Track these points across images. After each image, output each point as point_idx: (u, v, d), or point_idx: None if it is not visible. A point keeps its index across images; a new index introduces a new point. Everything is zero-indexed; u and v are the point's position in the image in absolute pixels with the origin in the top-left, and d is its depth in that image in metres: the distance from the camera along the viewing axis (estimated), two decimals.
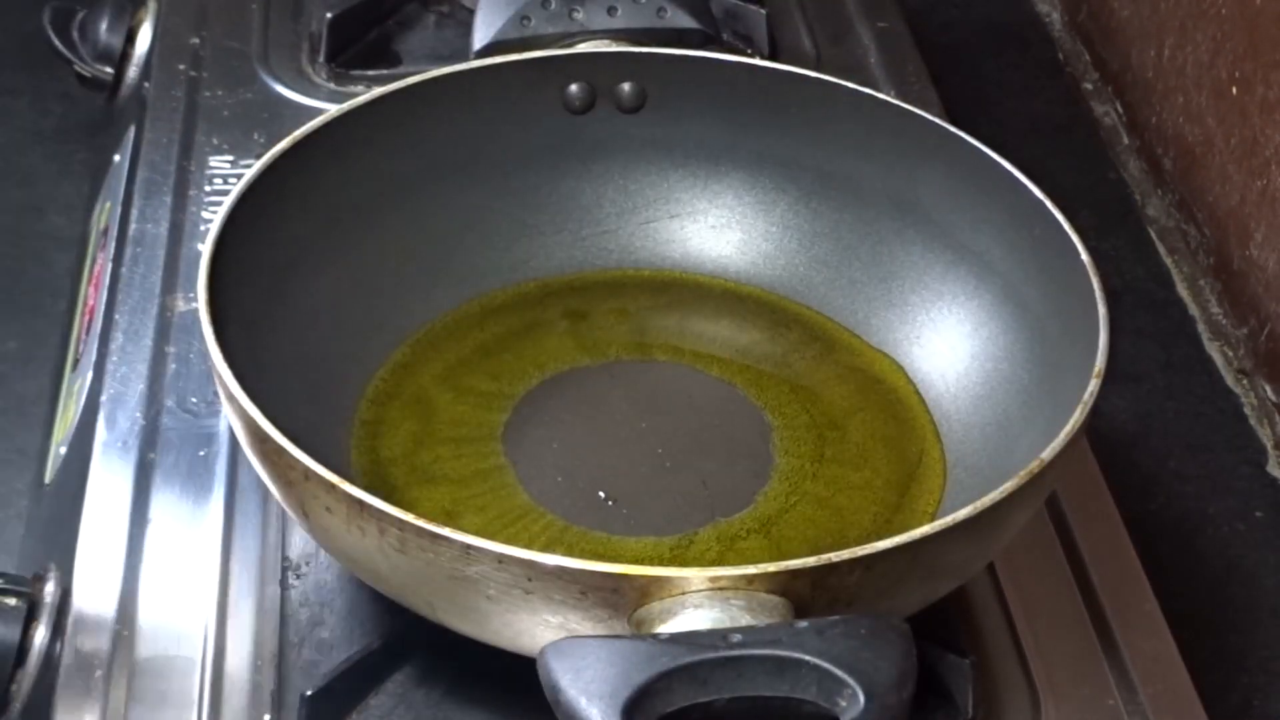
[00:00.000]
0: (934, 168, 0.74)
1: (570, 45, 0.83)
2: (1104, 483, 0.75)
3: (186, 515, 0.70)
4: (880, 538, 0.54)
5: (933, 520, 0.56)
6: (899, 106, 0.75)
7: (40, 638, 0.66)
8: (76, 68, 1.00)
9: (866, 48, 1.00)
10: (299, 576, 0.68)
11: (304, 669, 0.64)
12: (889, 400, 0.74)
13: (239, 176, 0.68)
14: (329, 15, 0.94)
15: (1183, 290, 0.96)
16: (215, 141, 0.89)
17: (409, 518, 0.54)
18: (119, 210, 0.85)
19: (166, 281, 0.80)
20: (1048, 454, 0.58)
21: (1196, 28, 0.97)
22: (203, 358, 0.61)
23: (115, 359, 0.76)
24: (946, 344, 0.74)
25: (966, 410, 0.72)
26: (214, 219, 0.66)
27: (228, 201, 0.66)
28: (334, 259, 0.72)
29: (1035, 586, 0.69)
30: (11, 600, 0.67)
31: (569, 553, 0.54)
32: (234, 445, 0.71)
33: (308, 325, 0.70)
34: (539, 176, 0.78)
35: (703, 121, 0.77)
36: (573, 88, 0.76)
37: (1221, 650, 0.75)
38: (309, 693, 0.61)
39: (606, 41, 0.84)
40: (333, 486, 0.55)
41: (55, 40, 0.98)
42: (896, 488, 0.70)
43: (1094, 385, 0.61)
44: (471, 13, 0.88)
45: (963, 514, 0.55)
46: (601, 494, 0.68)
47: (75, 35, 0.99)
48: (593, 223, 0.79)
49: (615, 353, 0.76)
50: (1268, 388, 0.89)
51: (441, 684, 0.63)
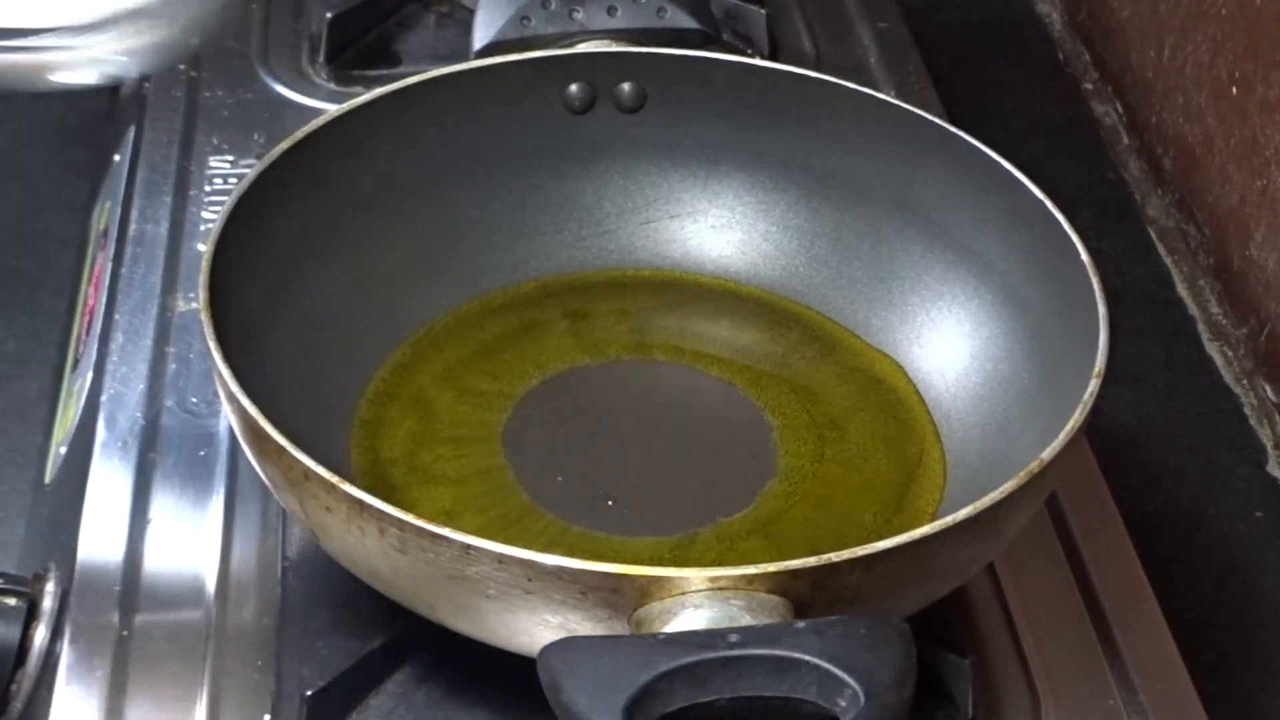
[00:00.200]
0: (934, 168, 0.74)
1: (570, 45, 0.83)
2: (1104, 483, 0.75)
3: (186, 515, 0.70)
4: (880, 538, 0.54)
5: (933, 520, 0.56)
6: (899, 106, 0.75)
7: (40, 638, 0.66)
8: None
9: (866, 48, 1.00)
10: (299, 576, 0.68)
11: (304, 669, 0.64)
12: (889, 400, 0.74)
13: (239, 176, 0.69)
14: (329, 15, 0.94)
15: (1183, 290, 0.96)
16: (215, 141, 0.89)
17: (409, 518, 0.54)
18: (119, 210, 0.85)
19: (166, 281, 0.80)
20: (1048, 454, 0.58)
21: (1196, 28, 0.97)
22: (203, 358, 0.61)
23: (115, 359, 0.76)
24: (946, 344, 0.74)
25: (966, 410, 0.72)
26: (214, 219, 0.66)
27: (228, 201, 0.66)
28: (334, 259, 0.72)
29: (1035, 586, 0.69)
30: (11, 600, 0.67)
31: (569, 553, 0.54)
32: (234, 445, 0.71)
33: (308, 325, 0.70)
34: (539, 176, 0.78)
35: (703, 121, 0.77)
36: (573, 88, 0.76)
37: (1221, 650, 0.75)
38: (309, 693, 0.61)
39: (606, 41, 0.84)
40: (333, 486, 0.55)
41: None
42: (896, 488, 0.70)
43: (1094, 385, 0.61)
44: (471, 13, 0.88)
45: (963, 514, 0.55)
46: (601, 494, 0.68)
47: None
48: (593, 223, 0.79)
49: (615, 353, 0.76)
50: (1268, 388, 0.89)
51: (441, 684, 0.63)
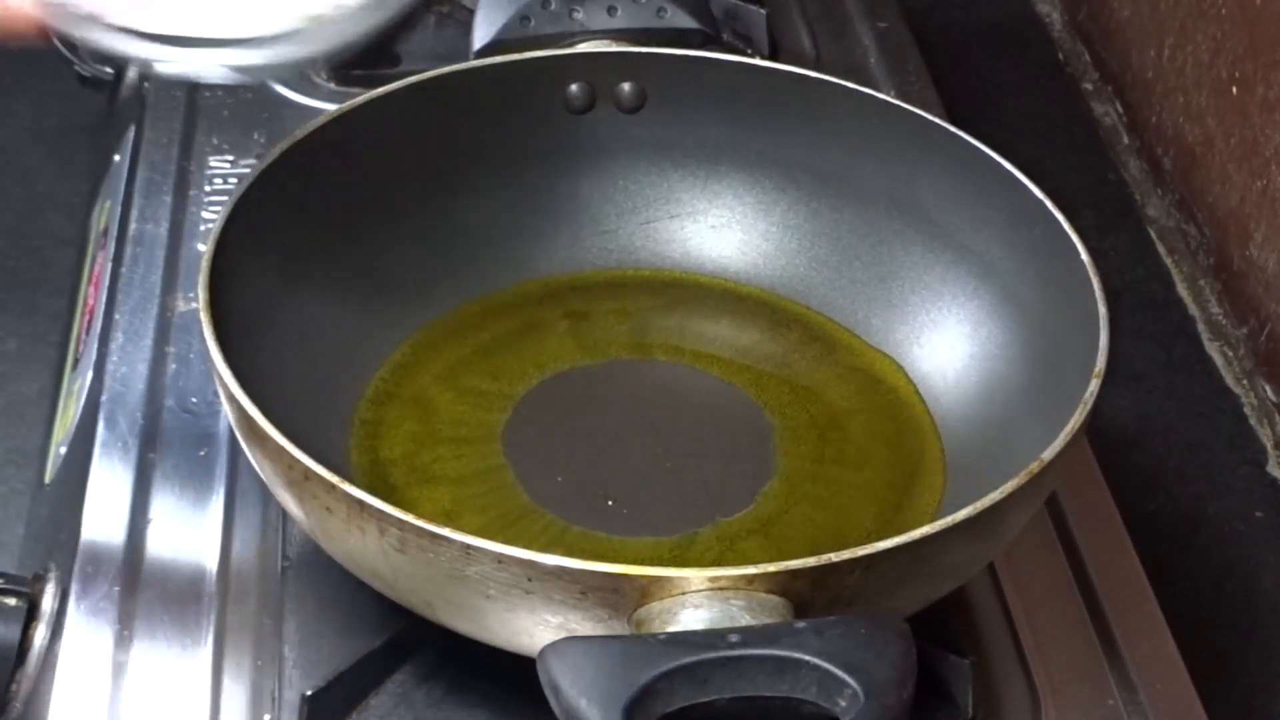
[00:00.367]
0: (934, 168, 0.74)
1: (570, 45, 0.83)
2: (1104, 483, 0.75)
3: (186, 515, 0.70)
4: (880, 538, 0.54)
5: (933, 520, 0.56)
6: (899, 106, 0.75)
7: (40, 638, 0.66)
8: (76, 68, 1.00)
9: (866, 48, 1.00)
10: (299, 576, 0.68)
11: (304, 669, 0.64)
12: (889, 400, 0.74)
13: (239, 176, 0.69)
14: None
15: (1183, 290, 0.96)
16: (215, 141, 0.89)
17: (409, 518, 0.54)
18: (119, 210, 0.85)
19: (166, 281, 0.80)
20: (1048, 454, 0.58)
21: (1196, 28, 0.97)
22: (203, 358, 0.61)
23: (115, 359, 0.76)
24: (946, 344, 0.74)
25: (966, 410, 0.72)
26: (214, 219, 0.66)
27: (228, 201, 0.66)
28: (334, 259, 0.72)
29: (1035, 586, 0.69)
30: (11, 600, 0.67)
31: (569, 553, 0.54)
32: (234, 445, 0.70)
33: (308, 325, 0.70)
34: (539, 176, 0.78)
35: (703, 121, 0.77)
36: (573, 88, 0.76)
37: (1221, 650, 0.75)
38: (309, 693, 0.61)
39: (606, 41, 0.84)
40: (333, 486, 0.55)
41: (55, 40, 0.98)
42: (896, 488, 0.70)
43: (1094, 385, 0.61)
44: (471, 13, 0.88)
45: (963, 514, 0.55)
46: (601, 494, 0.68)
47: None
48: (593, 223, 0.79)
49: (615, 353, 0.76)
50: (1268, 388, 0.89)
51: (441, 684, 0.63)
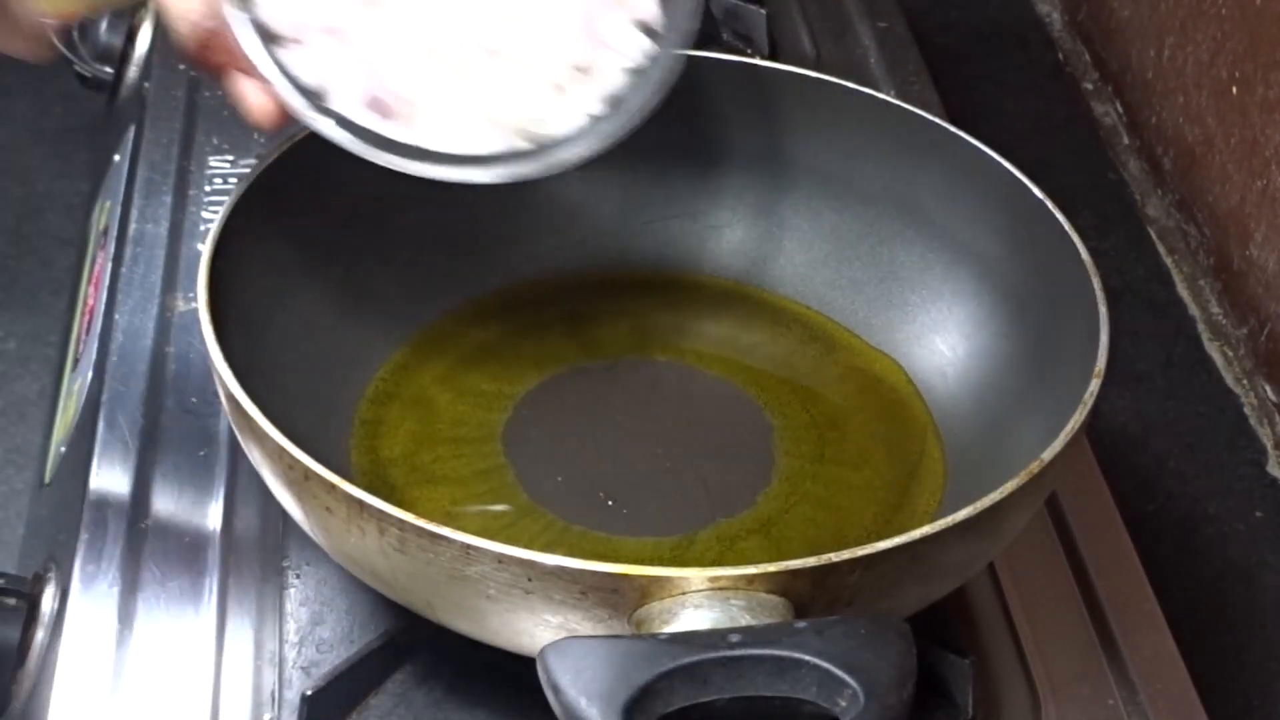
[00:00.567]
0: (934, 168, 0.74)
1: None
2: (1104, 483, 0.75)
3: (186, 515, 0.70)
4: (880, 538, 0.54)
5: (933, 520, 0.56)
6: (899, 106, 0.75)
7: (40, 638, 0.66)
8: (76, 68, 1.00)
9: (866, 48, 1.00)
10: (299, 576, 0.68)
11: (304, 669, 0.64)
12: (889, 400, 0.74)
13: (239, 176, 0.68)
14: None
15: (1183, 290, 0.96)
16: (215, 141, 0.89)
17: (409, 518, 0.54)
18: (119, 210, 0.85)
19: (166, 281, 0.80)
20: (1048, 454, 0.58)
21: (1196, 28, 0.97)
22: (203, 358, 0.61)
23: (115, 359, 0.76)
24: (946, 344, 0.74)
25: (966, 411, 0.72)
26: (214, 219, 0.66)
27: (228, 201, 0.66)
28: (334, 259, 0.72)
29: (1035, 586, 0.69)
30: (11, 600, 0.67)
31: (569, 553, 0.54)
32: (234, 445, 0.70)
33: (308, 325, 0.70)
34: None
35: (702, 121, 0.77)
36: None
37: (1221, 650, 0.75)
38: (309, 692, 0.61)
39: None
40: (333, 486, 0.55)
41: (55, 40, 0.98)
42: (896, 488, 0.70)
43: (1094, 385, 0.61)
44: None
45: (963, 514, 0.55)
46: (601, 494, 0.68)
47: (75, 35, 0.99)
48: (593, 223, 0.79)
49: (615, 353, 0.76)
50: (1268, 388, 0.89)
51: (441, 684, 0.63)
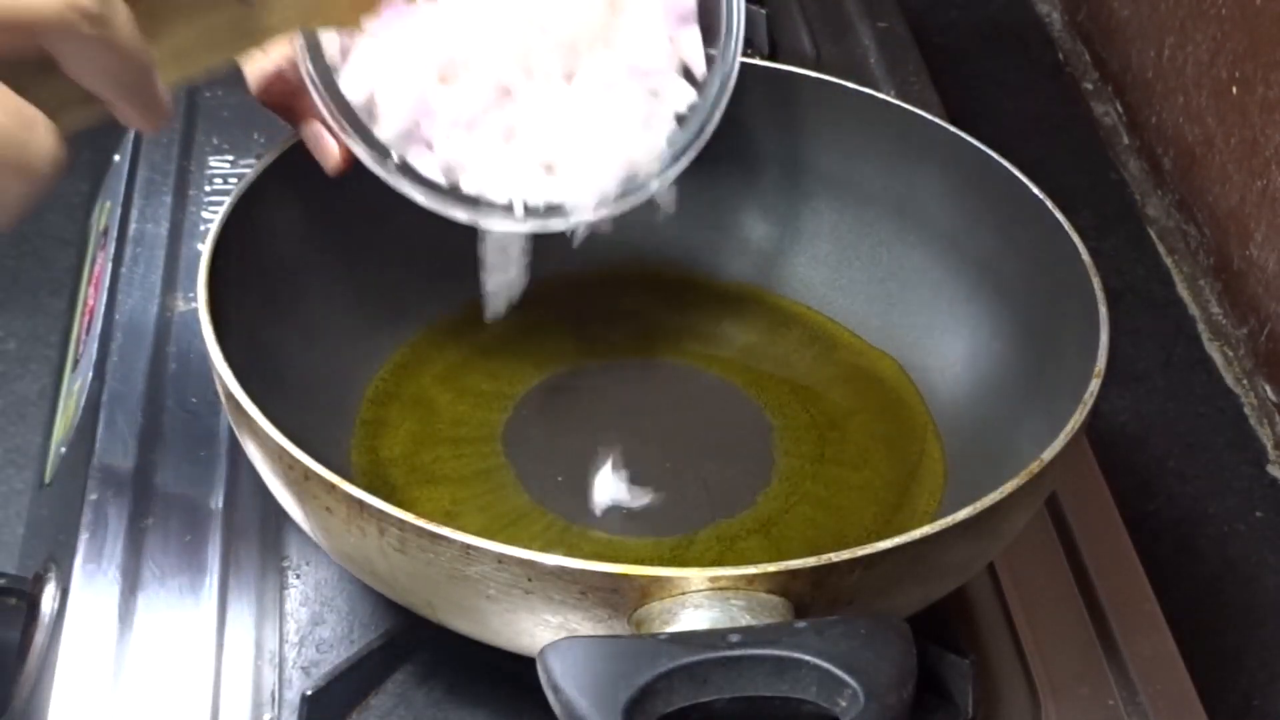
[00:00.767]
0: (934, 168, 0.74)
1: None
2: (1104, 483, 0.75)
3: (186, 515, 0.70)
4: (880, 538, 0.54)
5: (933, 520, 0.56)
6: (899, 106, 0.75)
7: (40, 638, 0.66)
8: None
9: (866, 48, 1.00)
10: (299, 576, 0.68)
11: (304, 669, 0.64)
12: (889, 400, 0.74)
13: (239, 176, 0.68)
14: None
15: (1183, 290, 0.96)
16: (215, 141, 0.89)
17: (409, 518, 0.54)
18: (119, 210, 0.85)
19: (166, 281, 0.80)
20: (1048, 454, 0.58)
21: (1196, 28, 0.97)
22: (203, 358, 0.61)
23: (115, 359, 0.76)
24: (946, 344, 0.74)
25: (966, 410, 0.72)
26: (214, 219, 0.66)
27: (228, 201, 0.66)
28: (334, 258, 0.72)
29: (1035, 586, 0.69)
30: (11, 600, 0.67)
31: (569, 553, 0.54)
32: (234, 445, 0.71)
33: (308, 325, 0.70)
34: None
35: None
36: None
37: (1221, 650, 0.75)
38: (309, 692, 0.61)
39: None
40: (333, 487, 0.55)
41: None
42: (896, 488, 0.70)
43: (1094, 385, 0.61)
44: None
45: (963, 514, 0.55)
46: None
47: None
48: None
49: (615, 353, 0.76)
50: (1268, 388, 0.89)
51: (441, 684, 0.63)
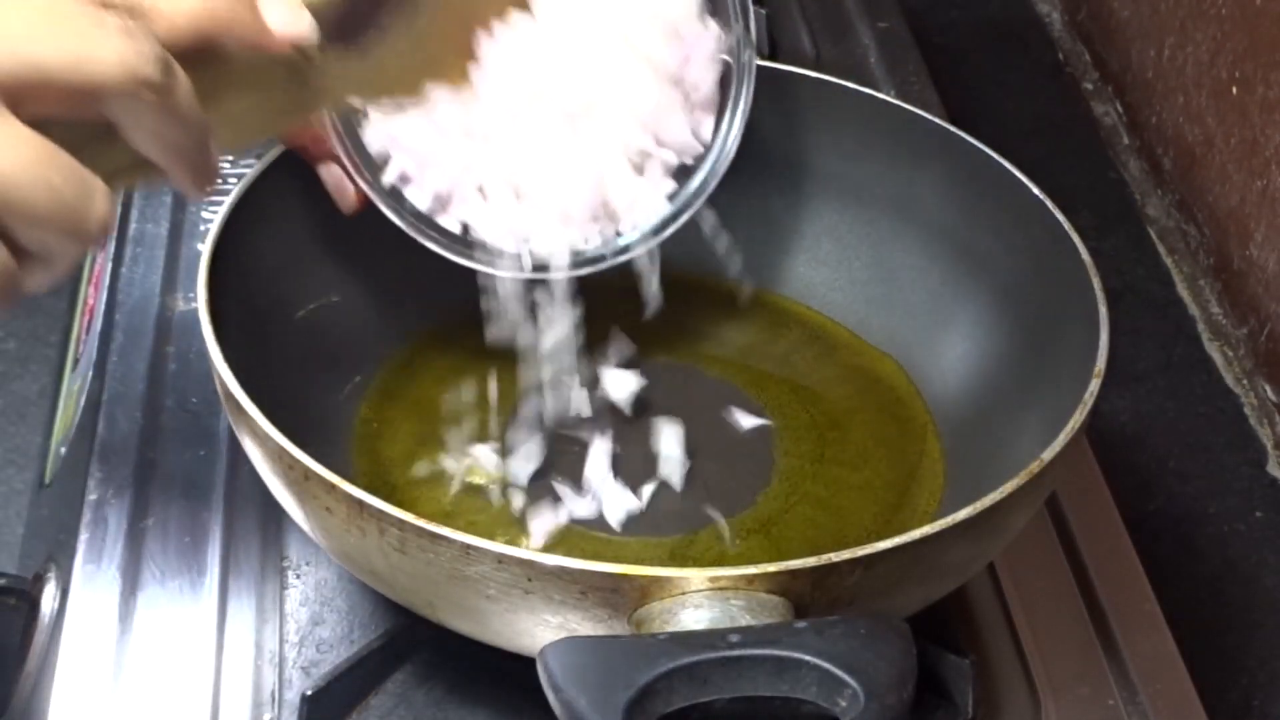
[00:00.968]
0: (934, 168, 0.74)
1: None
2: (1104, 483, 0.75)
3: (186, 515, 0.70)
4: (880, 538, 0.54)
5: (933, 520, 0.56)
6: (899, 106, 0.75)
7: (40, 638, 0.66)
8: None
9: (866, 48, 1.00)
10: (299, 576, 0.68)
11: (304, 669, 0.64)
12: (889, 400, 0.74)
13: (239, 176, 0.68)
14: None
15: (1183, 290, 0.96)
16: None
17: (409, 518, 0.54)
18: (119, 210, 0.85)
19: (166, 281, 0.80)
20: (1048, 454, 0.58)
21: (1196, 28, 0.97)
22: (203, 358, 0.61)
23: (115, 359, 0.76)
24: (946, 344, 0.74)
25: (966, 411, 0.72)
26: (214, 219, 0.66)
27: (228, 201, 0.66)
28: (334, 259, 0.72)
29: (1035, 586, 0.69)
30: (12, 600, 0.67)
31: (569, 553, 0.54)
32: (234, 445, 0.70)
33: (308, 325, 0.70)
34: None
35: None
36: None
37: (1221, 650, 0.75)
38: (309, 692, 0.61)
39: None
40: (333, 487, 0.55)
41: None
42: (896, 488, 0.70)
43: (1094, 385, 0.61)
44: None
45: (963, 514, 0.55)
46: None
47: None
48: None
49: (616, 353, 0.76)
50: (1268, 388, 0.89)
51: (441, 684, 0.63)
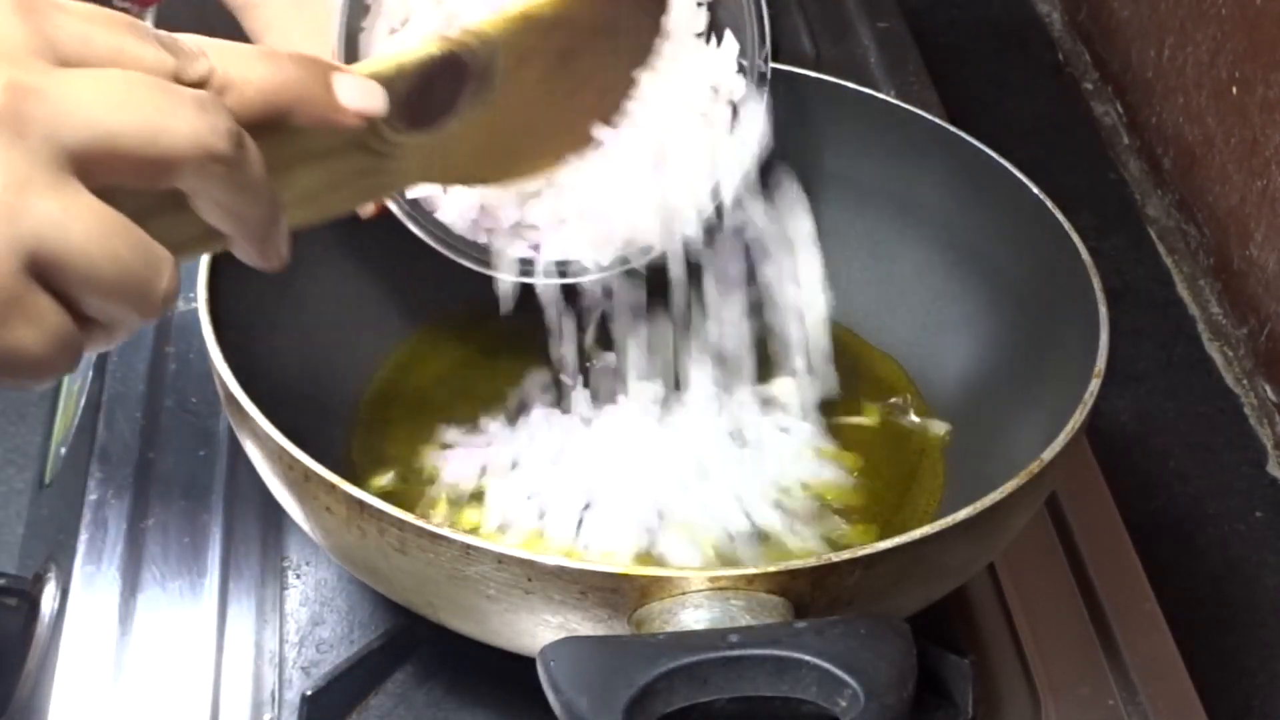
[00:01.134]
0: (934, 168, 0.74)
1: None
2: (1104, 483, 0.75)
3: (186, 515, 0.70)
4: (880, 538, 0.54)
5: (933, 520, 0.56)
6: (899, 106, 0.75)
7: (41, 638, 0.66)
8: None
9: (866, 48, 1.00)
10: (299, 576, 0.68)
11: (304, 669, 0.64)
12: (889, 400, 0.74)
13: None
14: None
15: (1183, 290, 0.96)
16: None
17: (409, 518, 0.54)
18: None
19: None
20: (1048, 454, 0.58)
21: (1196, 28, 0.97)
22: (203, 358, 0.61)
23: (115, 359, 0.76)
24: (946, 344, 0.74)
25: (967, 411, 0.72)
26: None
27: None
28: (334, 258, 0.72)
29: (1035, 586, 0.69)
30: (12, 600, 0.67)
31: (569, 553, 0.54)
32: (234, 445, 0.71)
33: (308, 325, 0.70)
34: None
35: None
36: None
37: (1221, 650, 0.75)
38: (309, 692, 0.61)
39: None
40: (333, 487, 0.55)
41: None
42: (896, 488, 0.70)
43: (1094, 385, 0.61)
44: None
45: (963, 514, 0.55)
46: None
47: None
48: None
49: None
50: (1268, 388, 0.88)
51: (441, 684, 0.63)
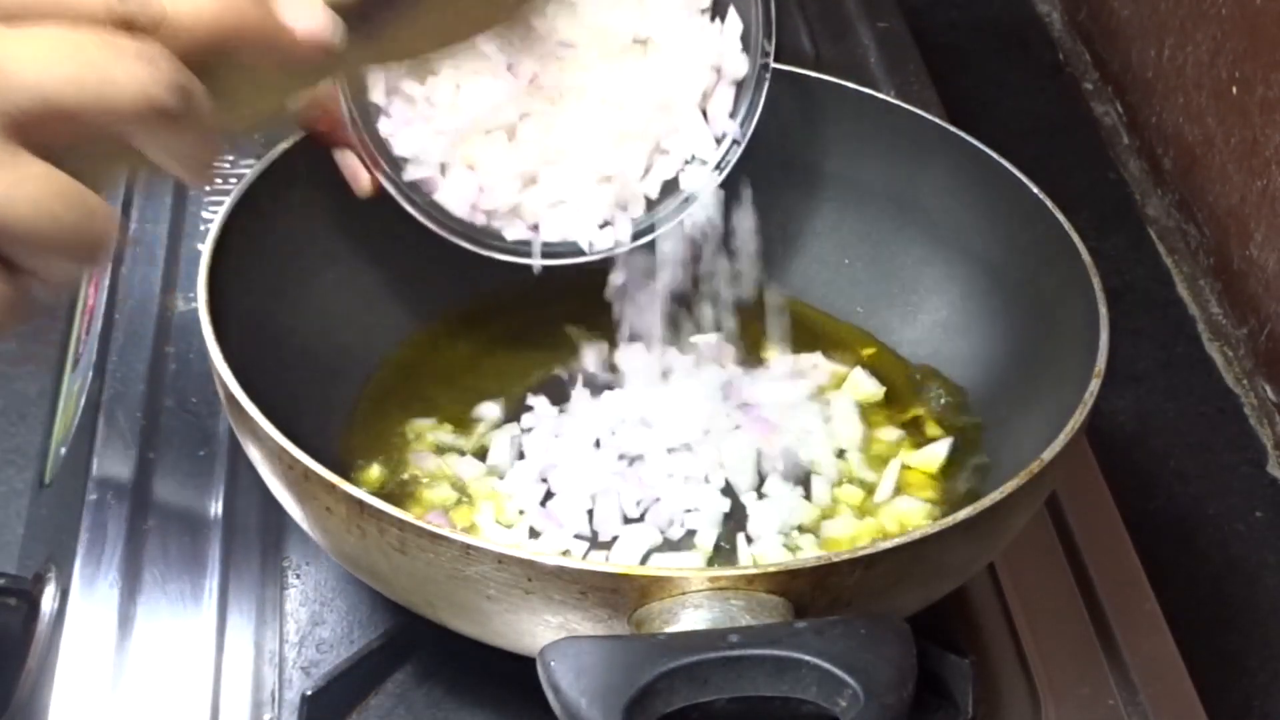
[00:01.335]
0: (934, 168, 0.74)
1: None
2: (1104, 483, 0.75)
3: (186, 515, 0.70)
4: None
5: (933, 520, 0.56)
6: (899, 106, 0.75)
7: (41, 638, 0.66)
8: None
9: (866, 48, 1.00)
10: (299, 576, 0.68)
11: (304, 669, 0.64)
12: (889, 400, 0.74)
13: (239, 176, 0.68)
14: None
15: (1183, 290, 0.96)
16: None
17: (409, 518, 0.54)
18: (119, 210, 0.85)
19: (166, 281, 0.80)
20: (1048, 454, 0.58)
21: (1196, 28, 0.97)
22: (203, 358, 0.61)
23: (115, 359, 0.76)
24: (947, 344, 0.74)
25: (967, 410, 0.72)
26: (214, 219, 0.66)
27: (228, 201, 0.66)
28: (334, 259, 0.72)
29: (1035, 586, 0.69)
30: (12, 600, 0.67)
31: (569, 553, 0.54)
32: (234, 445, 0.71)
33: (308, 325, 0.70)
34: None
35: None
36: None
37: (1221, 650, 0.75)
38: (309, 692, 0.61)
39: None
40: (333, 487, 0.55)
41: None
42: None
43: (1094, 385, 0.61)
44: None
45: (963, 514, 0.55)
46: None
47: None
48: None
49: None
50: (1268, 388, 0.88)
51: (441, 684, 0.63)
